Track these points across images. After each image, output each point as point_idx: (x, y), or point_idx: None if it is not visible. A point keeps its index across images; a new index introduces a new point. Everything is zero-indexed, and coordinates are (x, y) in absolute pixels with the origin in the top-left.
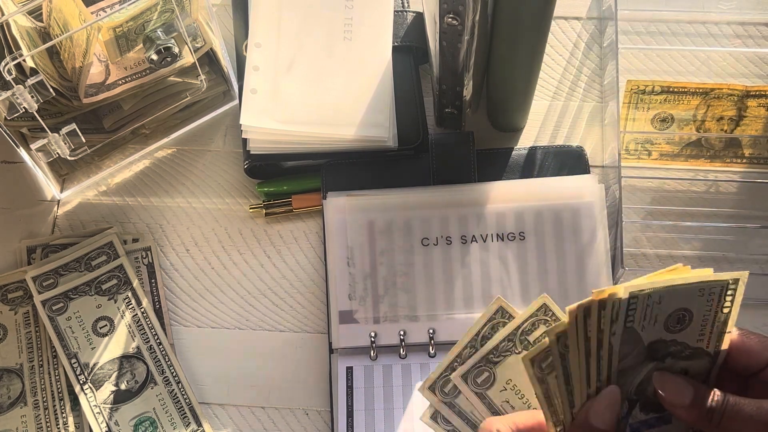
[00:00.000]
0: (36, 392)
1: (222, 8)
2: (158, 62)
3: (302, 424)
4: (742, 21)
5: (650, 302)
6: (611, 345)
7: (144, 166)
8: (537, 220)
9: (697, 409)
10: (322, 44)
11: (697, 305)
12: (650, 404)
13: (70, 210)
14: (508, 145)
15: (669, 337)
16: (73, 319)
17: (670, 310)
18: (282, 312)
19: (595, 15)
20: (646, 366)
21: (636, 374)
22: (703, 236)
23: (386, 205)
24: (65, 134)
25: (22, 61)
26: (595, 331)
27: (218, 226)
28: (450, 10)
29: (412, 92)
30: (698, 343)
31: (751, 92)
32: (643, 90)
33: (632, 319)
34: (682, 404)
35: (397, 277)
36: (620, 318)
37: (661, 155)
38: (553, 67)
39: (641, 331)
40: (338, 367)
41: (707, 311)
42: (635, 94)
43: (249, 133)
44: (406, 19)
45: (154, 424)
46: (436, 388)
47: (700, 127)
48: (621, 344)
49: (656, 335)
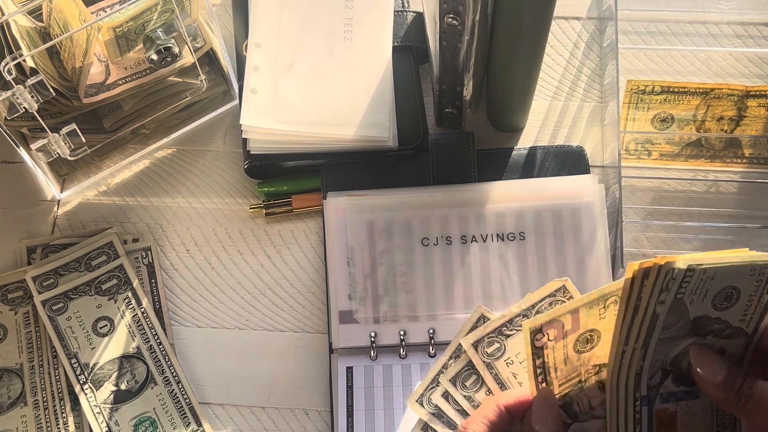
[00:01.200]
0: (36, 392)
1: (222, 8)
2: (158, 62)
3: (302, 424)
4: (742, 21)
5: (704, 277)
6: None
7: (144, 166)
8: (537, 220)
9: (727, 390)
10: (322, 44)
11: (746, 285)
12: (682, 378)
13: (70, 210)
14: (508, 145)
15: (714, 314)
16: (73, 319)
17: (720, 287)
18: (282, 312)
19: (595, 15)
20: (687, 340)
21: (675, 346)
22: (703, 236)
23: (386, 205)
24: (65, 134)
25: (22, 61)
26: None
27: (218, 226)
28: (450, 10)
29: (412, 92)
30: (739, 323)
31: (751, 92)
32: (643, 90)
33: (683, 292)
34: (715, 382)
35: (397, 277)
36: (673, 288)
37: (661, 155)
38: (553, 67)
39: (689, 305)
40: (338, 367)
41: (754, 292)
42: (635, 94)
43: (249, 133)
44: (406, 19)
45: (154, 424)
46: (424, 400)
47: (700, 127)
48: (668, 314)
49: (703, 311)
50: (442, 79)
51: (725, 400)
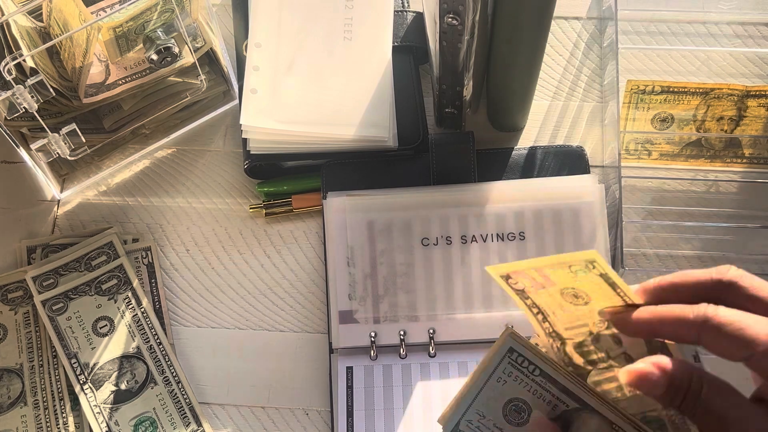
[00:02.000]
0: (36, 392)
1: (222, 8)
2: (158, 62)
3: (302, 424)
4: (742, 21)
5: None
6: None
7: (144, 166)
8: (537, 220)
9: None
10: (322, 44)
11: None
12: None
13: (70, 210)
14: (508, 145)
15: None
16: (73, 319)
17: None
18: (282, 312)
19: (595, 15)
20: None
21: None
22: (703, 236)
23: (386, 205)
24: (65, 134)
25: (22, 61)
26: None
27: (218, 226)
28: (450, 10)
29: (412, 92)
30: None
31: (751, 92)
32: (643, 90)
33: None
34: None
35: (397, 277)
36: None
37: (661, 155)
38: (553, 67)
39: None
40: (338, 367)
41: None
42: (635, 94)
43: (249, 133)
44: (406, 19)
45: (154, 424)
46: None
47: (700, 127)
48: None
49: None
50: (442, 79)
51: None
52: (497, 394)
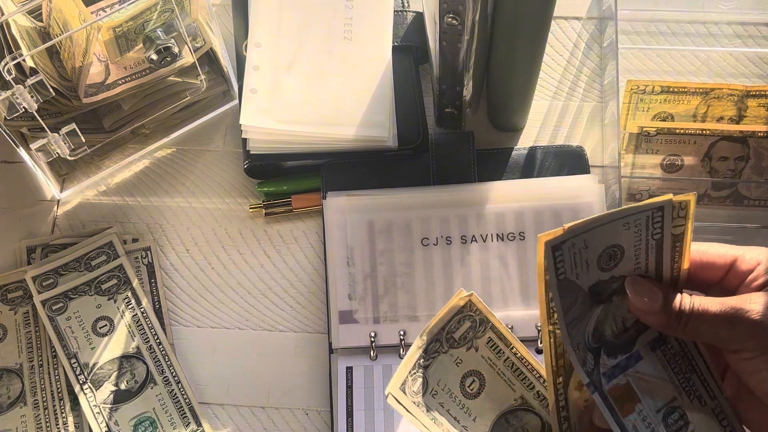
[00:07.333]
0: (36, 392)
1: (222, 8)
2: (158, 62)
3: (302, 424)
4: (742, 21)
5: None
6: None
7: (144, 166)
8: (537, 220)
9: (667, 313)
10: (322, 44)
11: (624, 239)
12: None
13: (70, 210)
14: (508, 145)
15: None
16: (73, 319)
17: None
18: (282, 312)
19: (595, 15)
20: (594, 311)
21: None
22: (702, 236)
23: (386, 205)
24: (65, 134)
25: (22, 61)
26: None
27: (218, 226)
28: (450, 10)
29: (412, 92)
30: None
31: (751, 92)
32: (643, 90)
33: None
34: (653, 310)
35: (397, 277)
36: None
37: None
38: (553, 67)
39: (577, 280)
40: (338, 367)
41: (637, 242)
42: (635, 94)
43: (249, 133)
44: (406, 19)
45: (154, 424)
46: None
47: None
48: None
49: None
50: (442, 79)
51: (668, 326)
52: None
